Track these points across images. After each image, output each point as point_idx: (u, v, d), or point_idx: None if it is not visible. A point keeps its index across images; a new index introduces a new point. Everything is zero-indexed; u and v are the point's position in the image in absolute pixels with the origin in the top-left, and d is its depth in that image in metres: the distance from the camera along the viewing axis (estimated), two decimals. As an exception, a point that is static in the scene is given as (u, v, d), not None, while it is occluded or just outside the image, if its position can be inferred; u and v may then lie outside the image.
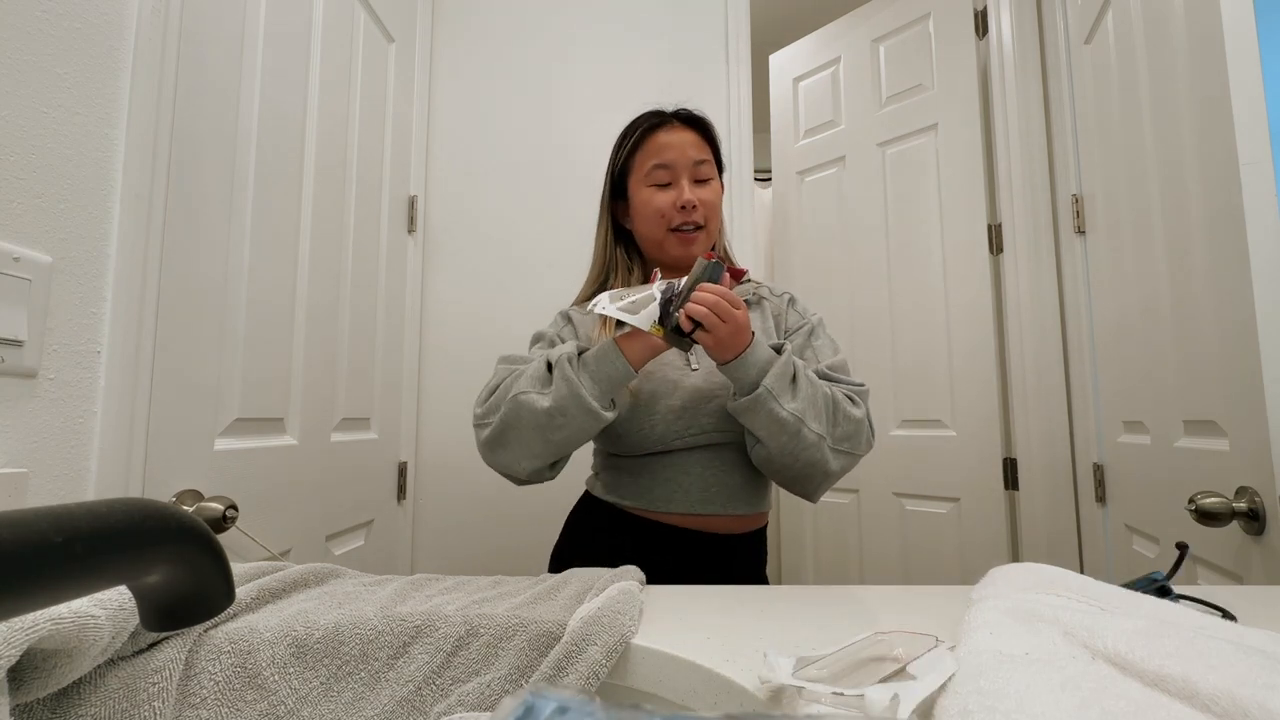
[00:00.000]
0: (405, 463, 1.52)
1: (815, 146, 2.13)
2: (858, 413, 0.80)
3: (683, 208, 0.87)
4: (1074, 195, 1.50)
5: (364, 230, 1.35)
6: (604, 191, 0.96)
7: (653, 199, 0.88)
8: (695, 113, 0.92)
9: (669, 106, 0.93)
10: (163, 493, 0.82)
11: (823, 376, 0.82)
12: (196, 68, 0.88)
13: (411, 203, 1.58)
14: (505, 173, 1.64)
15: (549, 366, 0.75)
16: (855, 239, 1.98)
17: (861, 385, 0.84)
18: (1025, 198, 1.61)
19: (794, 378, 0.76)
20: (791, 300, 0.96)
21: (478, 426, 0.80)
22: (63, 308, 0.68)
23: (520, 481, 0.82)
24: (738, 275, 0.85)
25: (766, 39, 2.33)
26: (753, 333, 0.76)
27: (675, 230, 0.88)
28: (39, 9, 0.66)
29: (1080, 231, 1.49)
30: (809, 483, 0.81)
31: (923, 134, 1.85)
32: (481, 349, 1.59)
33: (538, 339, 0.91)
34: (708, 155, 0.90)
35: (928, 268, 1.81)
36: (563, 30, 1.68)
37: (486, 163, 1.65)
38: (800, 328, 0.92)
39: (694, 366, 0.88)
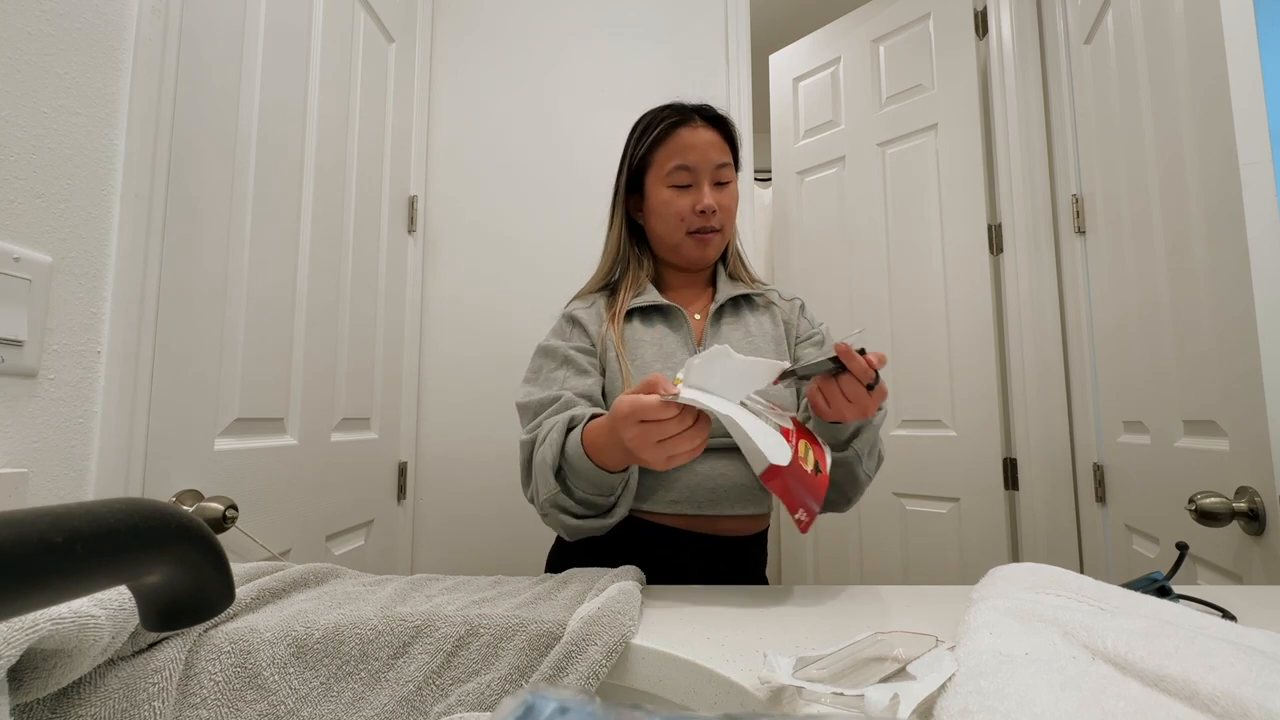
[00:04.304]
0: (405, 463, 1.52)
1: (815, 146, 2.13)
2: (882, 449, 0.85)
3: (702, 212, 0.85)
4: (1074, 195, 1.50)
5: (364, 230, 1.34)
6: (618, 184, 0.93)
7: (673, 201, 0.86)
8: (719, 111, 0.90)
9: (689, 100, 0.90)
10: (163, 493, 0.82)
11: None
12: (196, 68, 0.88)
13: (411, 203, 1.58)
14: (505, 172, 1.64)
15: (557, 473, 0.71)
16: (855, 239, 1.98)
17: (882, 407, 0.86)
18: (1025, 198, 1.61)
19: (873, 439, 0.79)
20: (803, 306, 0.96)
21: (525, 489, 0.78)
22: (63, 308, 0.68)
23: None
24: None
25: (766, 39, 2.33)
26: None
27: (692, 233, 0.87)
28: (39, 9, 0.66)
29: (1080, 231, 1.49)
30: (837, 509, 0.85)
31: (923, 134, 1.85)
32: (481, 349, 1.59)
33: (548, 354, 0.86)
34: (728, 157, 0.88)
35: (928, 268, 1.81)
36: (563, 30, 1.68)
37: (486, 163, 1.65)
38: (811, 337, 0.93)
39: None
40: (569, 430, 0.71)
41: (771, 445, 0.53)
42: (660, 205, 0.88)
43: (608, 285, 0.94)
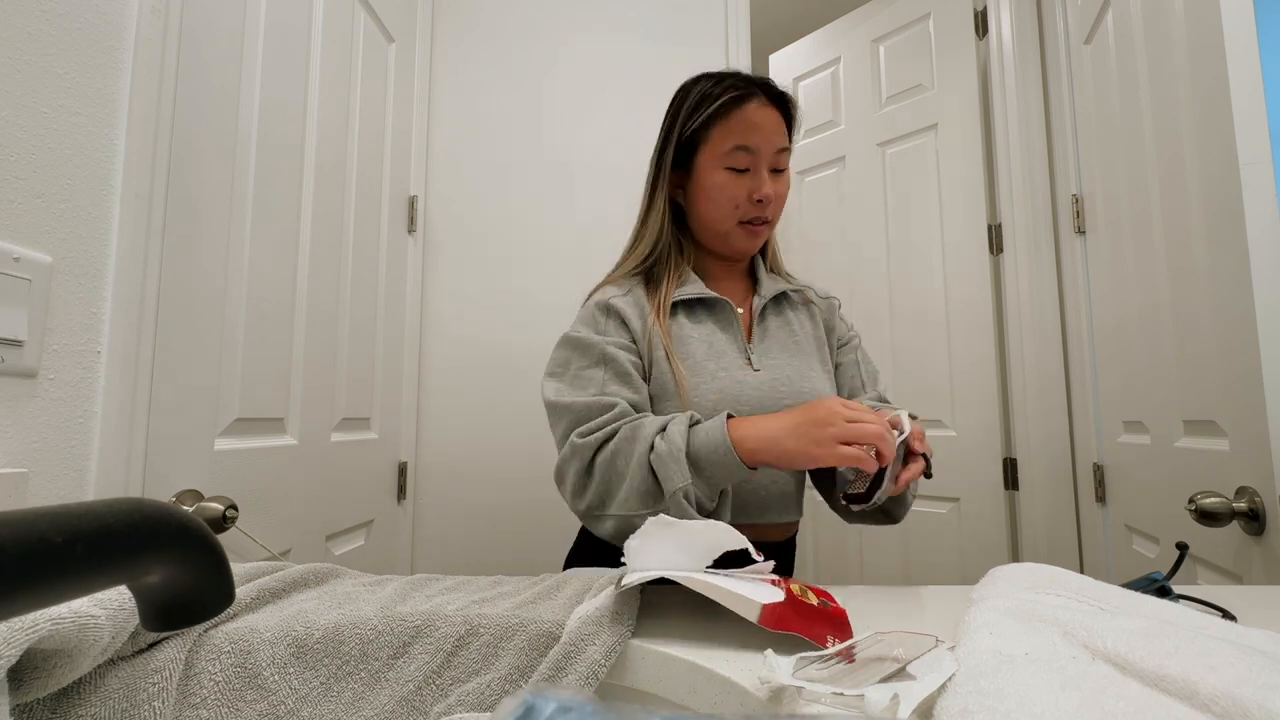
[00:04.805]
0: (405, 463, 1.52)
1: (815, 146, 2.12)
2: None
3: (759, 201, 0.78)
4: (1074, 195, 1.50)
5: (364, 230, 1.34)
6: (660, 159, 0.83)
7: (728, 185, 0.78)
8: (783, 89, 0.81)
9: (747, 71, 0.83)
10: (163, 493, 0.82)
11: (880, 400, 0.85)
12: (196, 68, 0.88)
13: (411, 203, 1.58)
14: (505, 172, 1.64)
15: (654, 475, 0.65)
16: (855, 239, 1.98)
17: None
18: (1025, 198, 1.61)
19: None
20: (839, 306, 0.93)
21: (585, 517, 0.72)
22: (63, 308, 0.68)
23: None
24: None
25: (766, 39, 2.33)
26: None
27: (744, 223, 0.81)
28: (39, 9, 0.66)
29: (1080, 231, 1.49)
30: (885, 522, 0.80)
31: (923, 134, 1.85)
32: (481, 349, 1.59)
33: (579, 348, 0.77)
34: (787, 142, 0.80)
35: (928, 268, 1.81)
36: (563, 31, 1.68)
37: (487, 162, 1.65)
38: (849, 341, 0.91)
39: (756, 368, 0.81)
40: (692, 425, 0.67)
41: (757, 589, 0.47)
42: (714, 188, 0.79)
43: (641, 271, 0.85)
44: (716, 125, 0.78)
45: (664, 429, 0.67)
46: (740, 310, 0.84)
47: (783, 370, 0.81)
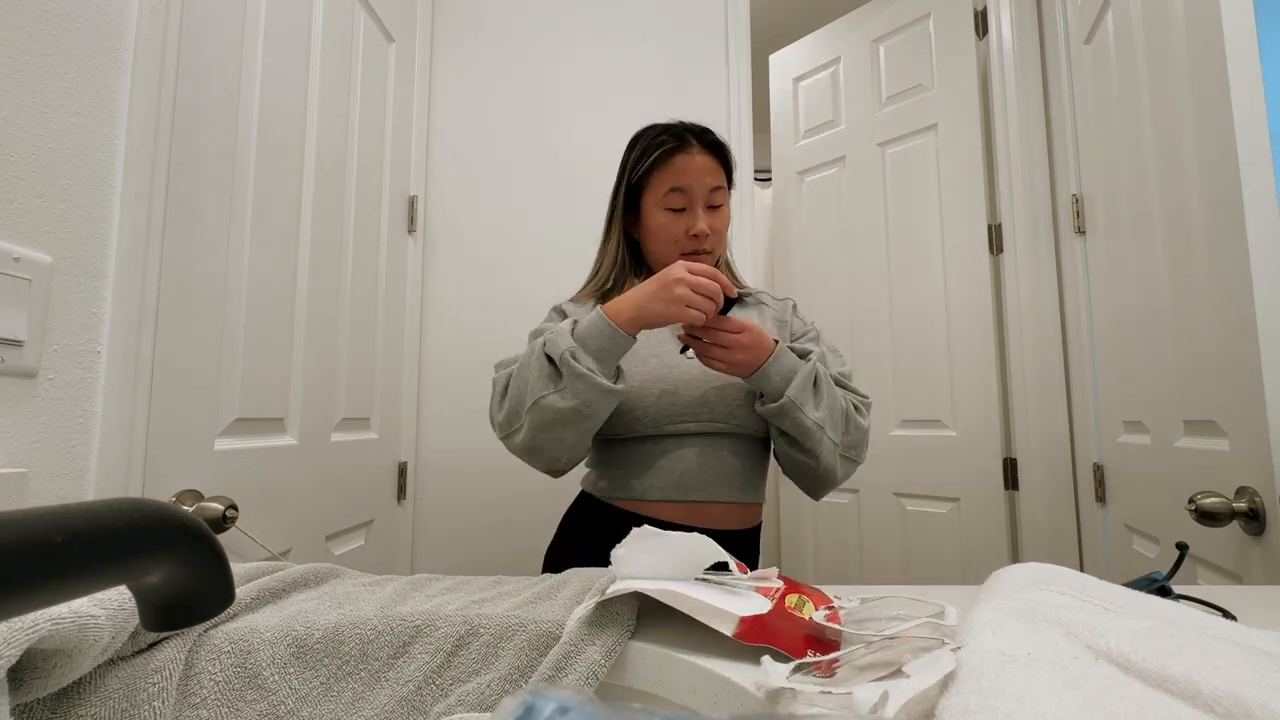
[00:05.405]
0: (405, 463, 1.52)
1: (815, 146, 2.13)
2: (865, 423, 0.87)
3: (694, 235, 0.88)
4: (1074, 195, 1.50)
5: (364, 230, 1.34)
6: (615, 201, 0.96)
7: (668, 225, 0.89)
8: (718, 138, 0.92)
9: (688, 125, 0.92)
10: (163, 493, 0.82)
11: (834, 380, 0.87)
12: (196, 68, 0.88)
13: (411, 203, 1.57)
14: (505, 173, 1.64)
15: (550, 360, 0.76)
16: (855, 239, 1.98)
17: (867, 398, 0.90)
18: (1025, 198, 1.61)
19: (816, 384, 0.80)
20: (794, 306, 1.00)
21: (505, 437, 0.82)
22: (63, 308, 0.68)
23: (560, 473, 0.86)
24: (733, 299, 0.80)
25: (766, 39, 2.33)
26: (776, 341, 0.80)
27: (685, 255, 0.90)
28: (39, 9, 0.66)
29: (1080, 231, 1.49)
30: (817, 483, 0.87)
31: (923, 134, 1.85)
32: (481, 349, 1.58)
33: (535, 336, 0.90)
34: (722, 181, 0.91)
35: (928, 268, 1.81)
36: (563, 30, 1.68)
37: (487, 163, 1.65)
38: (805, 333, 0.96)
39: (690, 356, 0.87)
40: (574, 324, 0.77)
41: (741, 600, 0.47)
42: (656, 228, 0.90)
43: (599, 294, 0.95)
44: (656, 172, 0.89)
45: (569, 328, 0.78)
46: None
47: None
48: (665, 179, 0.89)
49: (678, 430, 0.85)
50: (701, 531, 0.82)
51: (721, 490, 0.85)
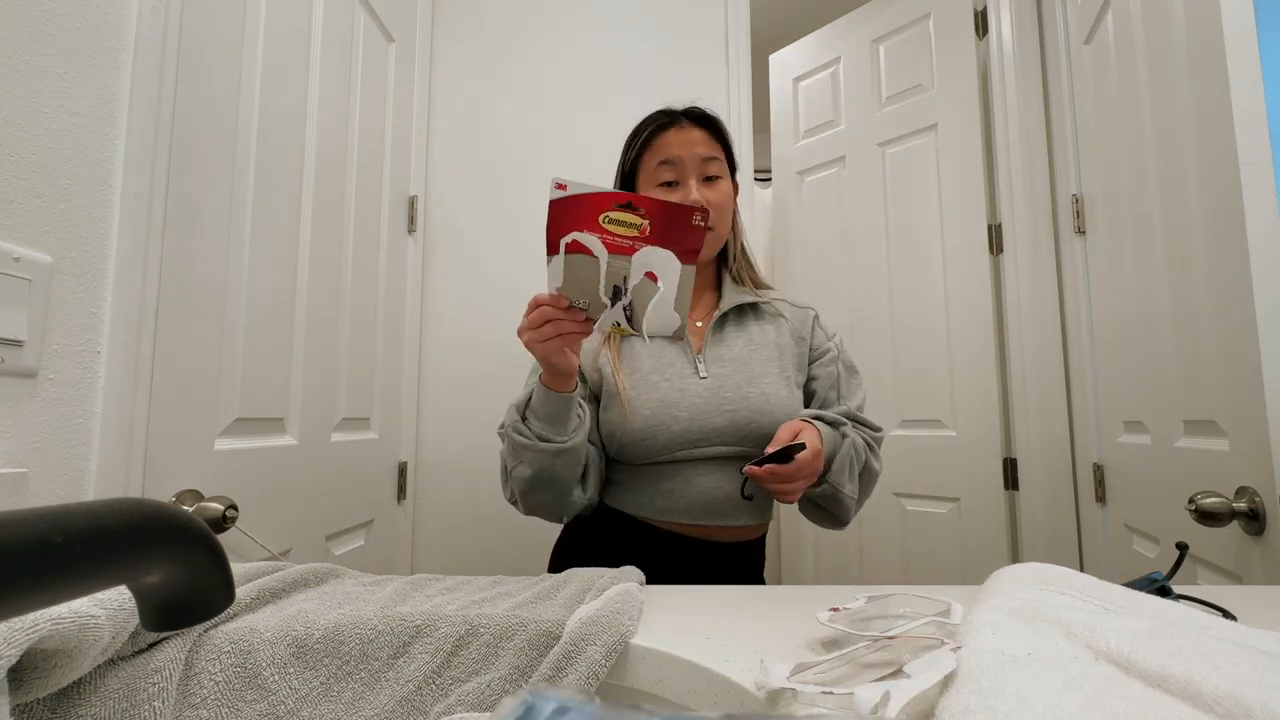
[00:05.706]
0: (405, 463, 1.52)
1: (815, 146, 2.12)
2: (878, 467, 0.89)
3: None
4: (1074, 195, 1.50)
5: (364, 230, 1.34)
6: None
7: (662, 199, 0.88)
8: (706, 111, 0.90)
9: (679, 105, 0.91)
10: (163, 493, 0.82)
11: (849, 417, 0.88)
12: (196, 68, 0.88)
13: (411, 203, 1.57)
14: (505, 172, 1.64)
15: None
16: (855, 239, 1.98)
17: (880, 431, 0.91)
18: (1025, 198, 1.61)
19: (851, 464, 0.83)
20: (816, 317, 0.97)
21: (514, 505, 0.86)
22: (63, 308, 0.68)
23: (569, 518, 0.88)
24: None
25: (766, 39, 2.33)
26: (810, 423, 0.81)
27: None
28: (39, 9, 0.66)
29: (1080, 231, 1.49)
30: (832, 526, 0.90)
31: (923, 134, 1.85)
32: (481, 349, 1.59)
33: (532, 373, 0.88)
34: (717, 153, 0.88)
35: (928, 268, 1.81)
36: (563, 30, 1.68)
37: (487, 163, 1.65)
38: (826, 353, 0.94)
39: (703, 375, 0.86)
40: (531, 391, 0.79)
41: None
42: None
43: None
44: (646, 152, 0.88)
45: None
46: (700, 324, 0.92)
47: (730, 377, 0.85)
48: (655, 155, 0.87)
49: (690, 456, 0.83)
50: (709, 544, 0.84)
51: (738, 515, 0.84)
